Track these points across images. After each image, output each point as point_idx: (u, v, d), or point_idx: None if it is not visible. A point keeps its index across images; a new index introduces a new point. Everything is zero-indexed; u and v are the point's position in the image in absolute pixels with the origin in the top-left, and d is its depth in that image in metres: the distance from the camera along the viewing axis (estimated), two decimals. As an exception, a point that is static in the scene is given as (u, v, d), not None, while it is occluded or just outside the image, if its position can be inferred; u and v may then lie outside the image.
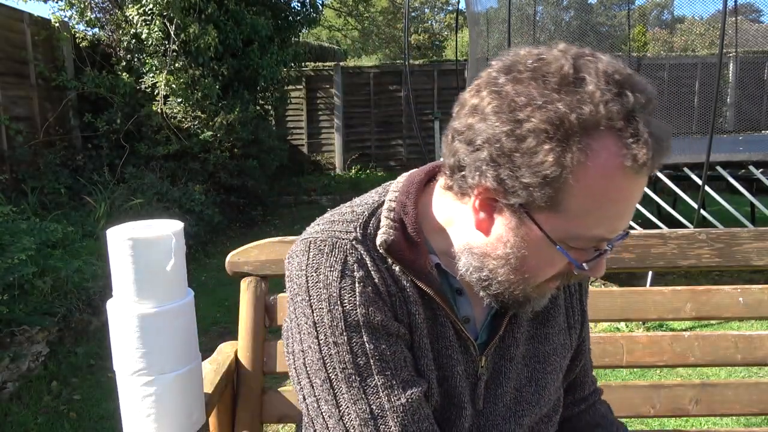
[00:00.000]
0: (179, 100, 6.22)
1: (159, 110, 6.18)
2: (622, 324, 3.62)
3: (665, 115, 7.76)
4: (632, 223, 4.91)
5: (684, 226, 4.64)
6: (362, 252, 0.78)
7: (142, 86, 6.30)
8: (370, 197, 0.86)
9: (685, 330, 3.21)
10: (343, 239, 0.79)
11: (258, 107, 7.55)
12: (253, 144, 6.97)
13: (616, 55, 8.79)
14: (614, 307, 1.35)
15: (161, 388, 1.05)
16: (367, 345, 0.75)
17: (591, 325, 3.92)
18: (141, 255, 1.21)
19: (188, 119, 6.37)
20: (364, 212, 0.82)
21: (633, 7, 9.43)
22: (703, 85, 7.74)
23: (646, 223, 4.93)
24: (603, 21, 9.26)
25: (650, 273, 4.15)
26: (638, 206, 5.34)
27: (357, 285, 0.77)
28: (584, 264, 0.72)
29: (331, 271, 0.77)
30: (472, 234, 0.76)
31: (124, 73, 6.42)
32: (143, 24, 6.08)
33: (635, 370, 3.06)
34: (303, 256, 0.80)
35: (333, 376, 0.75)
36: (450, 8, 22.41)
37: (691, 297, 1.35)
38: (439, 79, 10.56)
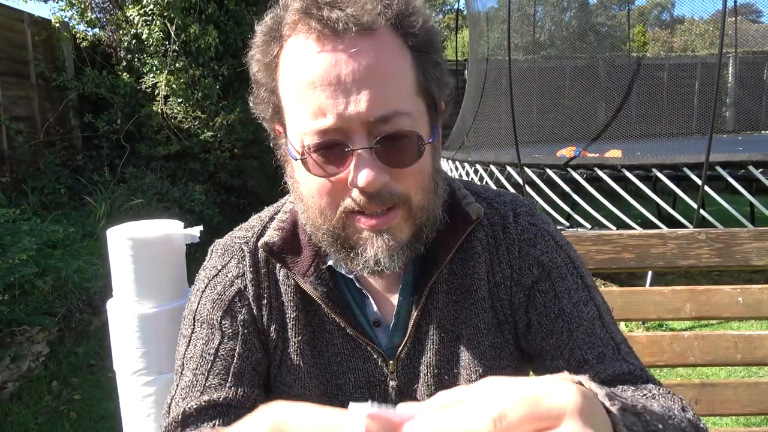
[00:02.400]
0: (179, 100, 6.22)
1: (159, 110, 6.18)
2: (622, 324, 3.62)
3: (665, 115, 7.77)
4: (632, 223, 4.92)
5: (684, 226, 4.64)
6: (247, 254, 0.82)
7: (143, 86, 6.30)
8: (280, 202, 0.89)
9: (684, 330, 3.21)
10: (236, 242, 0.84)
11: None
12: (253, 144, 6.96)
13: (617, 55, 8.81)
14: (614, 307, 1.35)
15: (161, 388, 1.05)
16: (200, 341, 0.79)
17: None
18: (141, 255, 1.22)
19: (188, 119, 6.37)
20: (266, 217, 0.86)
21: (633, 7, 9.43)
22: (703, 85, 7.74)
23: (646, 223, 4.93)
24: (603, 21, 9.26)
25: (650, 273, 4.15)
26: (638, 206, 5.36)
27: (223, 283, 0.81)
28: (307, 158, 0.67)
29: (212, 269, 0.83)
30: None
31: (124, 74, 6.42)
32: (143, 24, 6.09)
33: (635, 370, 3.05)
34: (205, 261, 0.86)
35: (175, 359, 0.82)
36: (450, 8, 22.41)
37: (691, 297, 1.35)
38: (439, 79, 10.54)
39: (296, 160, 0.70)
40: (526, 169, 5.47)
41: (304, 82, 0.66)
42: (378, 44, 0.66)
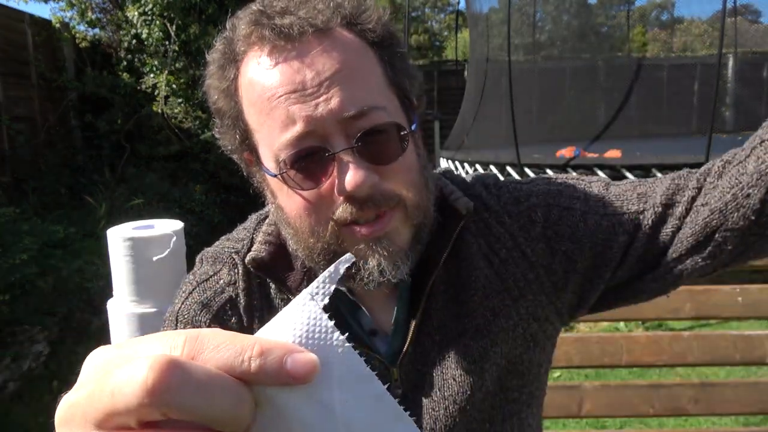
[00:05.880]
0: (180, 100, 6.23)
1: (159, 110, 6.19)
2: (622, 324, 3.62)
3: (665, 116, 7.77)
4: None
5: (684, 226, 4.64)
6: (239, 263, 0.78)
7: (143, 86, 6.31)
8: (264, 211, 0.84)
9: (684, 330, 3.21)
10: (227, 251, 0.80)
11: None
12: (253, 144, 6.99)
13: (617, 55, 8.78)
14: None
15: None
16: None
17: (591, 324, 3.86)
18: (141, 255, 1.22)
19: (189, 119, 6.38)
20: (251, 227, 0.83)
21: (633, 7, 9.43)
22: (703, 85, 7.74)
23: (646, 223, 4.93)
24: (603, 21, 9.26)
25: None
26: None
27: (214, 288, 0.77)
28: (289, 173, 0.64)
29: (202, 275, 0.79)
30: None
31: (124, 74, 6.43)
32: (143, 24, 6.10)
33: (634, 369, 3.06)
34: (194, 268, 0.82)
35: None
36: (450, 8, 22.43)
37: (690, 297, 1.36)
38: (440, 79, 10.57)
39: (274, 177, 0.67)
40: (526, 169, 5.47)
41: (270, 96, 0.63)
42: (338, 43, 0.63)
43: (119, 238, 1.25)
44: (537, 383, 0.80)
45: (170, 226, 1.33)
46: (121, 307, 1.27)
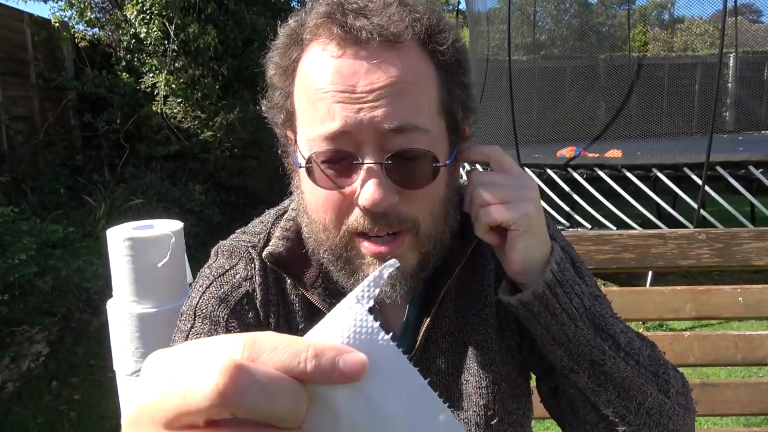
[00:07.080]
0: (179, 100, 6.22)
1: (159, 110, 6.18)
2: (622, 324, 3.61)
3: (665, 116, 7.77)
4: (632, 223, 4.92)
5: (684, 226, 4.64)
6: (255, 258, 0.78)
7: (142, 86, 6.30)
8: (282, 206, 0.85)
9: (685, 330, 3.21)
10: (243, 245, 0.80)
11: (258, 107, 7.54)
12: (253, 144, 6.97)
13: (617, 55, 8.76)
14: (614, 306, 1.35)
15: (161, 388, 1.05)
16: (201, 335, 0.75)
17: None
18: (140, 255, 1.22)
19: (188, 119, 6.37)
20: (268, 222, 0.83)
21: (633, 7, 9.43)
22: (703, 85, 7.74)
23: (646, 223, 4.93)
24: (603, 21, 9.25)
25: (650, 273, 4.15)
26: (638, 206, 5.34)
27: (231, 283, 0.77)
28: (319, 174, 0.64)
29: (218, 269, 0.79)
30: None
31: (123, 73, 6.42)
32: (142, 23, 6.09)
33: (635, 370, 3.05)
34: (209, 261, 0.82)
35: None
36: (450, 8, 22.38)
37: (691, 297, 1.35)
38: (439, 79, 10.55)
39: (300, 168, 0.68)
40: (526, 169, 5.46)
41: (318, 88, 0.63)
42: (402, 58, 0.63)
43: (119, 238, 1.25)
44: (529, 404, 0.84)
45: (170, 227, 1.33)
46: (121, 307, 1.27)
